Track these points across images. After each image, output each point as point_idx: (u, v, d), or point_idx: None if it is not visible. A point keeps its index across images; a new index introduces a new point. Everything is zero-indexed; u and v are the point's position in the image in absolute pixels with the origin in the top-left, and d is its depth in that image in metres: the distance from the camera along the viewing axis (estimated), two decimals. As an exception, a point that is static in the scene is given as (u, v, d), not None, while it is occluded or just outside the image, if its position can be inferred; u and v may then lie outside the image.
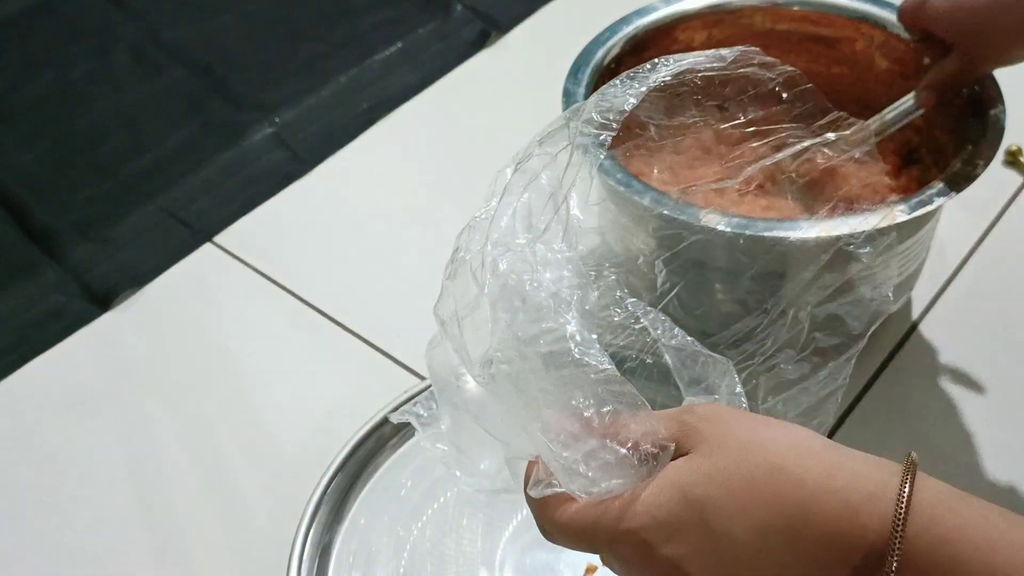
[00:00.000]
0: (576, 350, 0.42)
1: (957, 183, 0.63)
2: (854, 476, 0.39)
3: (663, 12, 0.77)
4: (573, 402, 0.41)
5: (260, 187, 0.91)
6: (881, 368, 0.73)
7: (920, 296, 0.77)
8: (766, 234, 0.61)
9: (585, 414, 0.42)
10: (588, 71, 0.71)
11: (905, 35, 0.74)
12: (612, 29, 0.75)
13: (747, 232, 0.61)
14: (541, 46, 1.03)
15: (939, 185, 0.63)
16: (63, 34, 1.08)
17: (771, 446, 0.41)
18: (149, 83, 1.02)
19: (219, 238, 0.87)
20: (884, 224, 0.60)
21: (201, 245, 0.86)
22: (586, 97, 0.69)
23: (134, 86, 1.02)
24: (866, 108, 0.78)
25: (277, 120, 0.97)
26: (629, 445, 0.41)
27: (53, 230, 0.88)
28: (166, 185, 0.91)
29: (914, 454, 0.39)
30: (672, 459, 0.42)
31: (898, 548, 0.36)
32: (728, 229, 0.61)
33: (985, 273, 0.80)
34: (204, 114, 0.98)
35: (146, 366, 0.78)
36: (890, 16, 0.75)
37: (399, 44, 1.04)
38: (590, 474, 0.41)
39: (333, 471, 0.64)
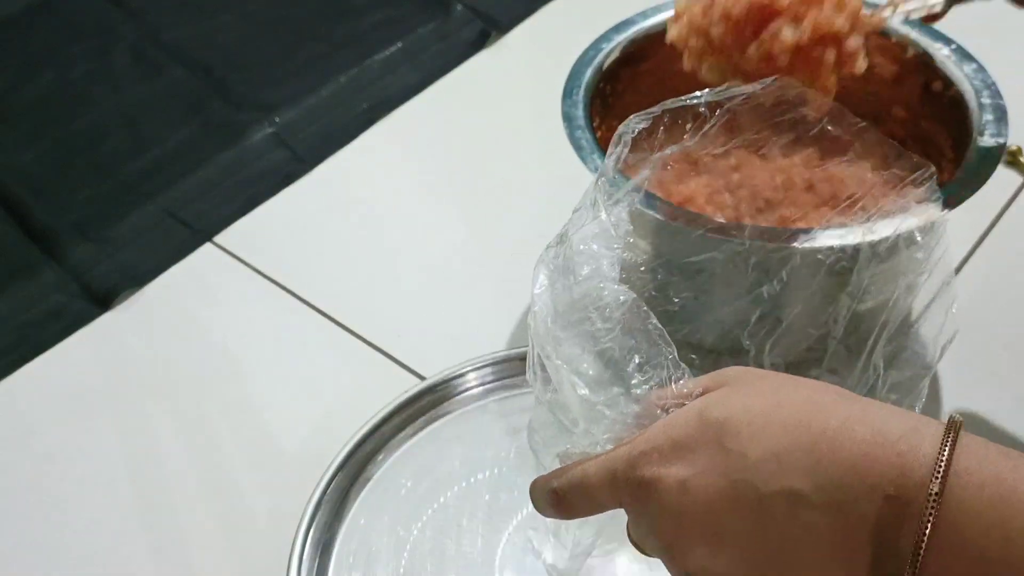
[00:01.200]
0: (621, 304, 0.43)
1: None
2: (891, 412, 0.37)
3: (655, 20, 0.76)
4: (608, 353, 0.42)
5: (260, 187, 0.91)
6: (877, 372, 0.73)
7: (918, 298, 0.77)
8: (817, 244, 0.60)
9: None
10: (582, 91, 0.70)
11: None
12: (596, 46, 0.74)
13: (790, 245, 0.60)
14: (541, 46, 1.03)
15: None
16: (63, 34, 1.08)
17: (798, 383, 0.39)
18: (149, 83, 1.02)
19: (219, 238, 0.87)
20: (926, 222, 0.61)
21: (201, 245, 0.86)
22: (586, 117, 0.69)
23: (134, 86, 1.02)
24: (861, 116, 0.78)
25: (277, 120, 0.97)
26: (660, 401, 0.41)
27: (53, 230, 0.88)
28: (166, 185, 0.91)
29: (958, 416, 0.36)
30: None
31: (943, 468, 0.34)
32: (766, 243, 0.60)
33: (985, 274, 0.80)
34: (204, 114, 0.98)
35: (146, 366, 0.78)
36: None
37: (399, 44, 1.04)
38: (611, 414, 0.42)
39: (333, 471, 0.64)
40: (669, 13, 0.76)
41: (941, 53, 0.72)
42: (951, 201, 0.62)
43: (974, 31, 0.75)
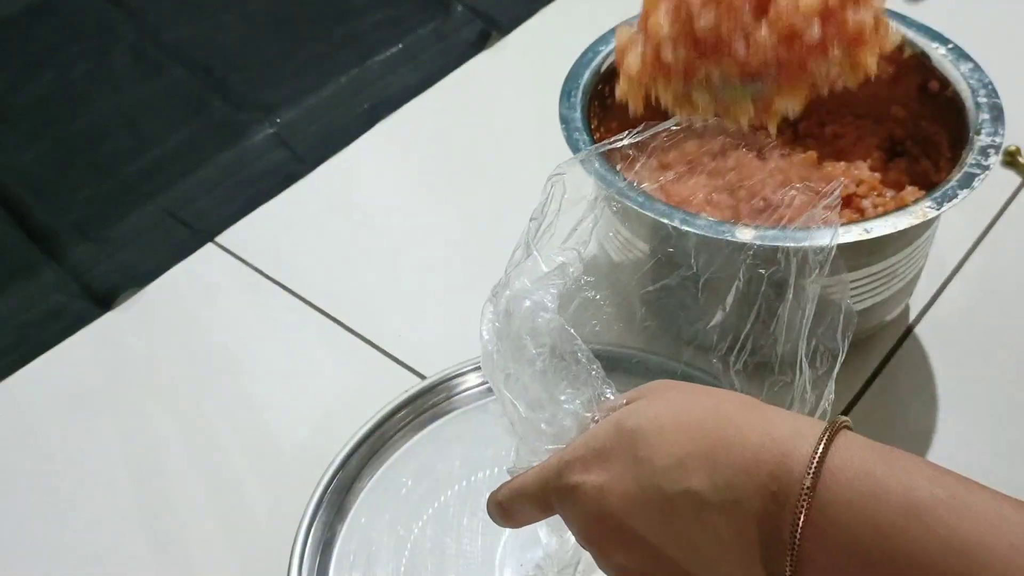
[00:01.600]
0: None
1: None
2: (785, 418, 0.41)
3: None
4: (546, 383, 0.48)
5: (261, 187, 0.91)
6: (877, 371, 0.73)
7: (916, 298, 0.77)
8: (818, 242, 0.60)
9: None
10: (580, 93, 0.70)
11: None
12: (594, 48, 0.74)
13: (782, 244, 0.60)
14: (542, 47, 1.03)
15: (953, 181, 0.63)
16: (63, 34, 1.08)
17: (709, 393, 0.44)
18: (149, 83, 1.02)
19: (220, 238, 0.87)
20: (917, 222, 0.61)
21: (202, 245, 0.86)
22: (584, 119, 0.69)
23: (134, 86, 1.02)
24: (860, 116, 0.79)
25: (278, 120, 0.97)
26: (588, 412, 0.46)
27: (53, 230, 0.88)
28: (166, 185, 0.91)
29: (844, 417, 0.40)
30: None
31: (815, 465, 0.37)
32: (759, 242, 0.61)
33: (983, 275, 0.80)
34: (204, 114, 0.98)
35: (147, 366, 0.78)
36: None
37: (399, 44, 1.04)
38: (549, 430, 0.47)
39: (334, 470, 0.64)
40: None
41: (938, 52, 0.72)
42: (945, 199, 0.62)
43: (972, 31, 0.75)
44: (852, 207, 0.72)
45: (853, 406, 0.71)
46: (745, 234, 0.61)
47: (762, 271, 0.65)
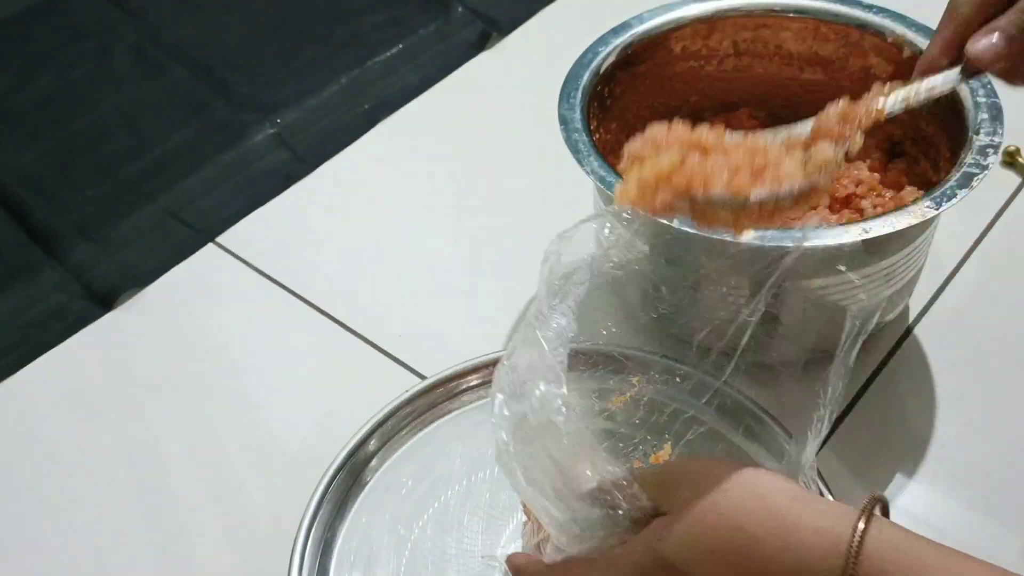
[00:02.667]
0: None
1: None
2: (810, 533, 0.42)
3: (653, 23, 0.76)
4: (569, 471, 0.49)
5: (261, 187, 0.91)
6: (877, 371, 0.74)
7: (916, 299, 0.77)
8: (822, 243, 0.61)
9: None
10: (579, 94, 0.70)
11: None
12: (594, 49, 0.74)
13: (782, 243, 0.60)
14: (542, 47, 1.03)
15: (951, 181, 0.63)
16: (64, 34, 1.08)
17: (736, 506, 0.44)
18: (150, 83, 1.02)
19: (221, 238, 0.87)
20: (916, 222, 0.61)
21: (203, 245, 0.86)
22: (583, 120, 0.69)
23: (135, 86, 1.02)
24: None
25: (278, 120, 0.97)
26: (615, 506, 0.48)
27: (54, 230, 0.88)
28: (167, 185, 0.91)
29: (878, 494, 0.42)
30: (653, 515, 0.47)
31: None
32: (759, 243, 0.61)
33: (982, 275, 0.80)
34: (205, 114, 0.98)
35: (148, 366, 0.78)
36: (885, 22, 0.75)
37: (400, 45, 1.04)
38: (578, 530, 0.49)
39: (334, 470, 0.65)
40: (667, 16, 0.76)
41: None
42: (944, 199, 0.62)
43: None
44: (851, 207, 0.72)
45: (853, 406, 0.71)
46: (745, 235, 0.61)
47: (762, 272, 0.65)
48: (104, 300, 0.82)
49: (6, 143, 0.97)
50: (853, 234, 0.60)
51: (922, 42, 0.73)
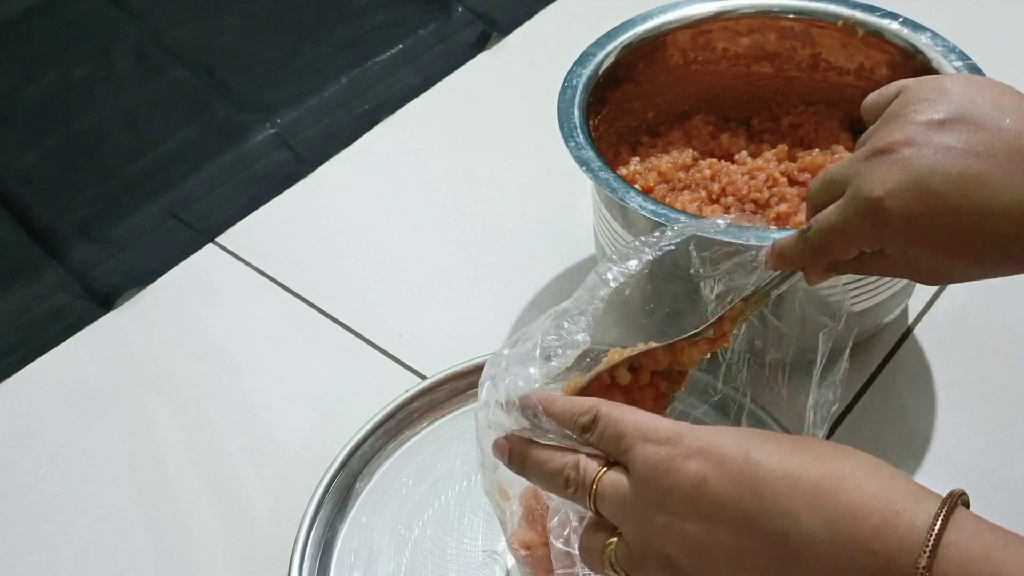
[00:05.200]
0: None
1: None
2: (900, 482, 0.38)
3: (649, 24, 0.76)
4: None
5: (262, 188, 0.91)
6: (876, 372, 0.74)
7: (916, 299, 0.77)
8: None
9: None
10: (578, 93, 0.71)
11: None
12: (593, 49, 0.74)
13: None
14: (542, 48, 1.04)
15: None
16: (65, 35, 1.08)
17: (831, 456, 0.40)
18: (151, 84, 1.02)
19: (221, 238, 0.87)
20: None
21: (203, 245, 0.86)
22: (582, 120, 0.69)
23: (136, 87, 1.02)
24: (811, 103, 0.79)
25: (279, 121, 0.97)
26: None
27: (55, 230, 0.88)
28: (168, 185, 0.91)
29: (959, 490, 0.38)
30: None
31: (932, 544, 0.35)
32: (756, 242, 0.61)
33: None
34: (206, 115, 0.98)
35: (148, 366, 0.78)
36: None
37: (400, 45, 1.04)
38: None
39: (335, 469, 0.65)
40: (661, 18, 0.76)
41: (891, 27, 0.73)
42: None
43: (965, 30, 0.75)
44: None
45: (853, 406, 0.71)
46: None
47: (760, 271, 0.65)
48: (104, 300, 0.82)
49: (7, 143, 0.97)
50: None
51: (872, 21, 0.74)
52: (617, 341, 0.66)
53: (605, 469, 0.44)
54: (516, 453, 0.47)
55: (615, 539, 0.43)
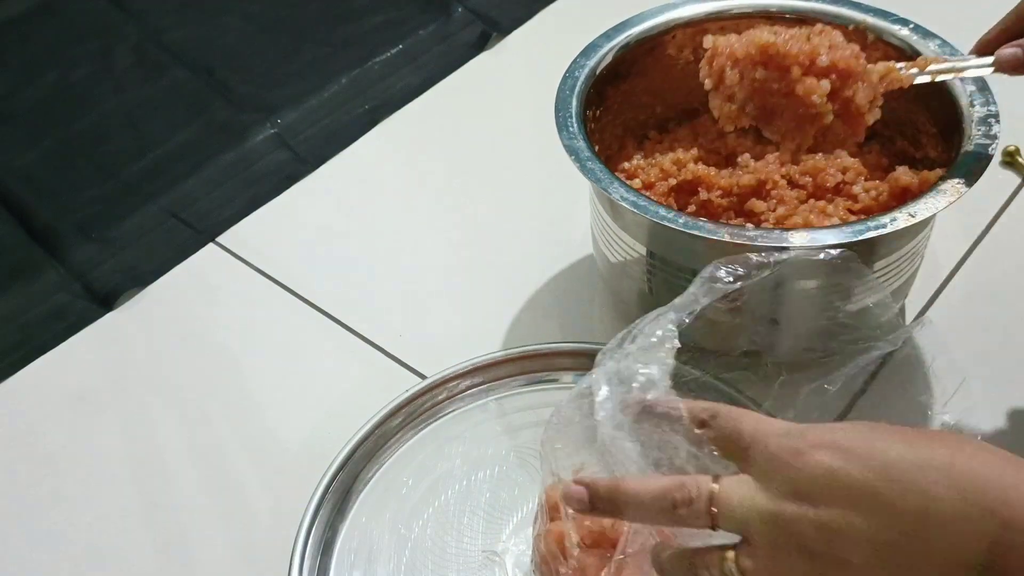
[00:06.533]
0: None
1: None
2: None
3: (659, 19, 0.76)
4: None
5: (262, 188, 0.91)
6: (876, 371, 0.74)
7: (914, 299, 0.77)
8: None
9: None
10: (576, 92, 0.71)
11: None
12: (592, 49, 0.74)
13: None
14: (542, 48, 1.04)
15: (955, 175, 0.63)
16: (65, 35, 1.08)
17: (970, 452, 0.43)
18: (151, 84, 1.02)
19: (222, 238, 0.87)
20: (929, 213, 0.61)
21: (204, 245, 0.86)
22: (580, 116, 0.69)
23: (136, 87, 1.02)
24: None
25: (279, 121, 0.97)
26: None
27: (55, 230, 0.88)
28: (168, 185, 0.91)
29: None
30: None
31: None
32: (761, 243, 0.61)
33: (981, 276, 0.80)
34: (206, 115, 0.98)
35: (149, 366, 0.78)
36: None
37: (400, 46, 1.04)
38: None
39: (335, 469, 0.65)
40: (653, 21, 0.76)
41: (901, 33, 0.73)
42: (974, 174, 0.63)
43: (964, 31, 0.75)
44: (844, 195, 0.72)
45: (852, 407, 0.71)
46: (747, 234, 0.62)
47: (765, 272, 0.65)
48: (105, 300, 0.82)
49: (7, 143, 0.97)
50: (902, 220, 0.61)
51: (882, 27, 0.74)
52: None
53: (717, 480, 0.44)
54: (604, 490, 0.46)
55: (733, 552, 0.43)
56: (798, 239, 0.61)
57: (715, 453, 0.45)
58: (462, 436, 0.68)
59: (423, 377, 0.73)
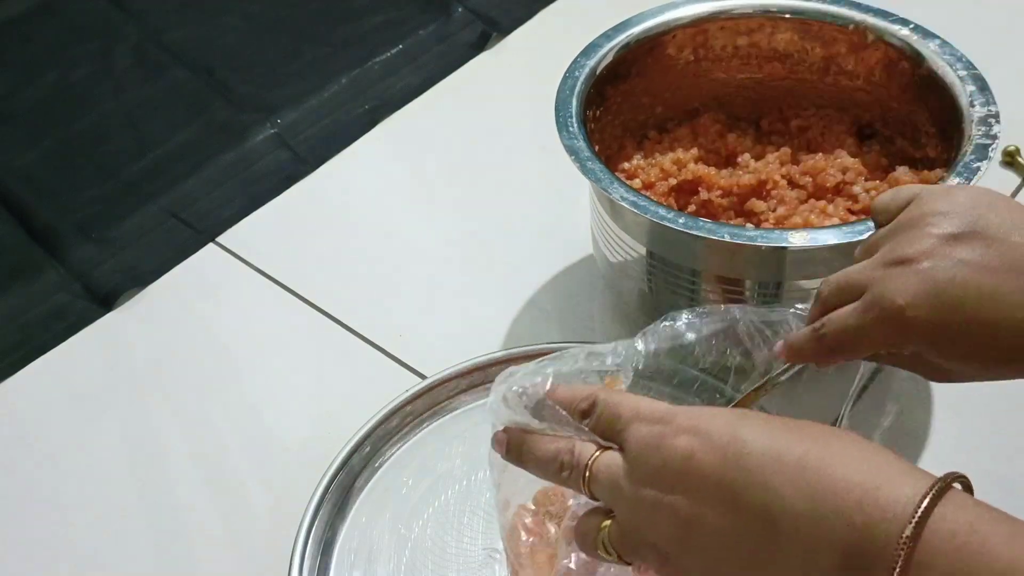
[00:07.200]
0: None
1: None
2: (892, 458, 0.39)
3: (659, 19, 0.76)
4: None
5: (262, 188, 0.91)
6: (875, 372, 0.74)
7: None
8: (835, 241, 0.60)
9: None
10: (576, 91, 0.71)
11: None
12: (592, 49, 0.74)
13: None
14: (542, 48, 1.04)
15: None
16: (65, 35, 1.08)
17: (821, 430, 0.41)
18: (151, 84, 1.02)
19: (221, 238, 0.87)
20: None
21: (204, 245, 0.86)
22: (579, 117, 0.69)
23: (136, 87, 1.02)
24: (822, 107, 0.79)
25: (279, 121, 0.97)
26: None
27: (56, 230, 0.88)
28: (168, 185, 0.92)
29: (957, 472, 0.39)
30: None
31: (919, 515, 0.36)
32: (762, 243, 0.61)
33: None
34: (206, 115, 0.98)
35: (149, 366, 0.78)
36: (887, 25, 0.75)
37: (400, 46, 1.04)
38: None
39: (335, 469, 0.65)
40: (653, 21, 0.76)
41: (901, 33, 0.73)
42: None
43: (964, 33, 0.75)
44: (844, 195, 0.72)
45: (853, 405, 0.71)
46: (747, 234, 0.62)
47: (762, 272, 0.65)
48: (105, 300, 0.82)
49: (7, 143, 0.97)
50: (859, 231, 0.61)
51: (882, 27, 0.74)
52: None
53: (599, 452, 0.45)
54: (513, 443, 0.49)
55: (608, 521, 0.44)
56: (798, 239, 0.60)
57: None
58: (462, 436, 0.68)
59: (423, 377, 0.73)
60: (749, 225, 0.70)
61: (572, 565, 0.49)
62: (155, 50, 1.05)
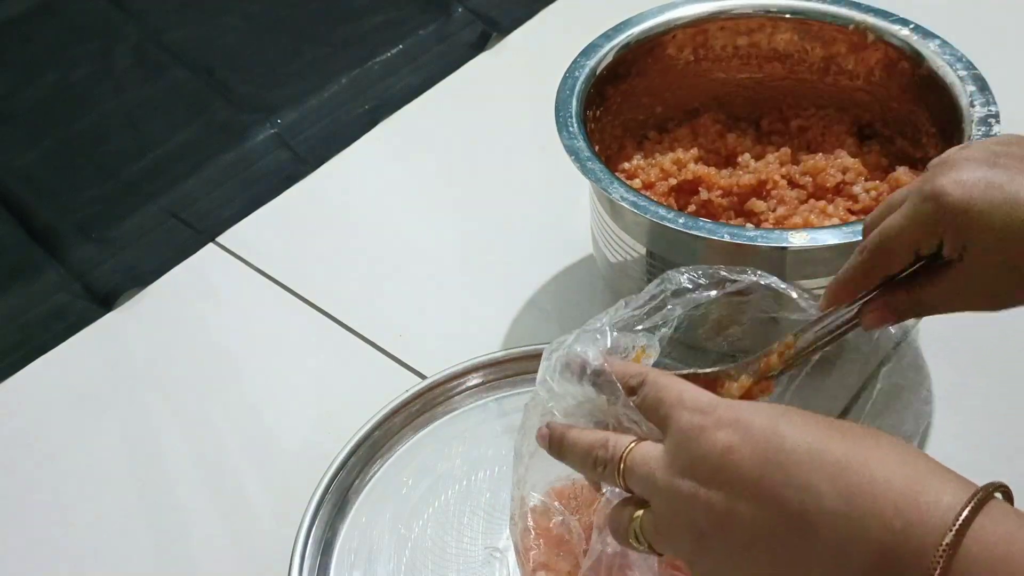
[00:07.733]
0: None
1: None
2: (934, 466, 0.39)
3: (659, 19, 0.76)
4: None
5: (262, 187, 0.91)
6: (874, 372, 0.74)
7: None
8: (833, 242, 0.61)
9: None
10: (576, 91, 0.71)
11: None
12: (592, 49, 0.74)
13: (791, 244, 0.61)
14: (542, 48, 1.04)
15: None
16: (65, 35, 1.08)
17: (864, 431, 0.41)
18: (151, 84, 1.02)
19: (221, 238, 0.87)
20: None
21: (203, 245, 0.86)
22: (579, 120, 0.69)
23: (136, 87, 1.02)
24: (822, 107, 0.79)
25: (279, 121, 0.97)
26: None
27: (55, 230, 0.88)
28: (168, 185, 0.91)
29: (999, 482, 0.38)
30: None
31: (960, 523, 0.36)
32: (761, 243, 0.61)
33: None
34: (206, 115, 0.98)
35: (149, 366, 0.78)
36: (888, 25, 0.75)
37: (400, 46, 1.04)
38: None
39: (335, 469, 0.65)
40: (653, 21, 0.76)
41: (901, 33, 0.73)
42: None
43: (962, 33, 0.75)
44: (843, 195, 0.72)
45: (850, 408, 0.71)
46: (747, 234, 0.62)
47: (762, 272, 0.65)
48: (105, 300, 0.82)
49: (7, 143, 0.97)
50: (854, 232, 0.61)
51: (882, 27, 0.74)
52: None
53: (634, 443, 0.45)
54: (555, 437, 0.49)
55: (641, 512, 0.44)
56: (798, 239, 0.60)
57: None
58: (462, 436, 0.68)
59: (423, 377, 0.73)
60: (749, 225, 0.70)
61: (609, 550, 0.50)
62: (155, 50, 1.05)
